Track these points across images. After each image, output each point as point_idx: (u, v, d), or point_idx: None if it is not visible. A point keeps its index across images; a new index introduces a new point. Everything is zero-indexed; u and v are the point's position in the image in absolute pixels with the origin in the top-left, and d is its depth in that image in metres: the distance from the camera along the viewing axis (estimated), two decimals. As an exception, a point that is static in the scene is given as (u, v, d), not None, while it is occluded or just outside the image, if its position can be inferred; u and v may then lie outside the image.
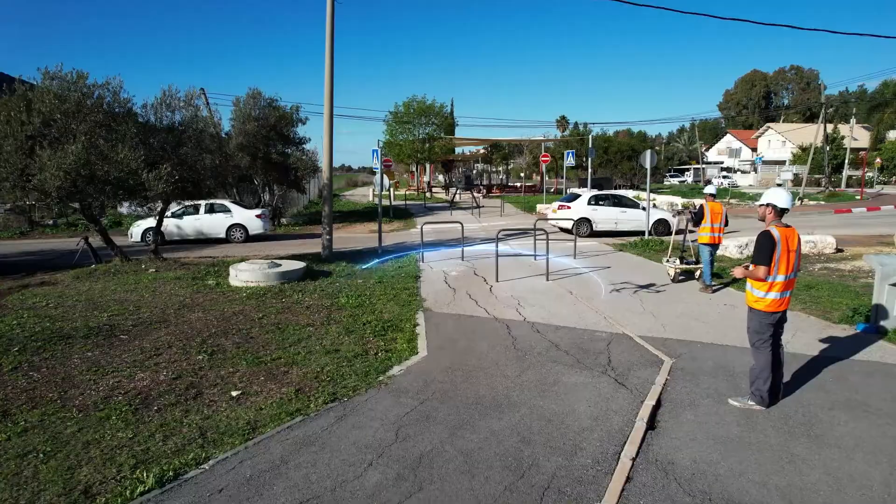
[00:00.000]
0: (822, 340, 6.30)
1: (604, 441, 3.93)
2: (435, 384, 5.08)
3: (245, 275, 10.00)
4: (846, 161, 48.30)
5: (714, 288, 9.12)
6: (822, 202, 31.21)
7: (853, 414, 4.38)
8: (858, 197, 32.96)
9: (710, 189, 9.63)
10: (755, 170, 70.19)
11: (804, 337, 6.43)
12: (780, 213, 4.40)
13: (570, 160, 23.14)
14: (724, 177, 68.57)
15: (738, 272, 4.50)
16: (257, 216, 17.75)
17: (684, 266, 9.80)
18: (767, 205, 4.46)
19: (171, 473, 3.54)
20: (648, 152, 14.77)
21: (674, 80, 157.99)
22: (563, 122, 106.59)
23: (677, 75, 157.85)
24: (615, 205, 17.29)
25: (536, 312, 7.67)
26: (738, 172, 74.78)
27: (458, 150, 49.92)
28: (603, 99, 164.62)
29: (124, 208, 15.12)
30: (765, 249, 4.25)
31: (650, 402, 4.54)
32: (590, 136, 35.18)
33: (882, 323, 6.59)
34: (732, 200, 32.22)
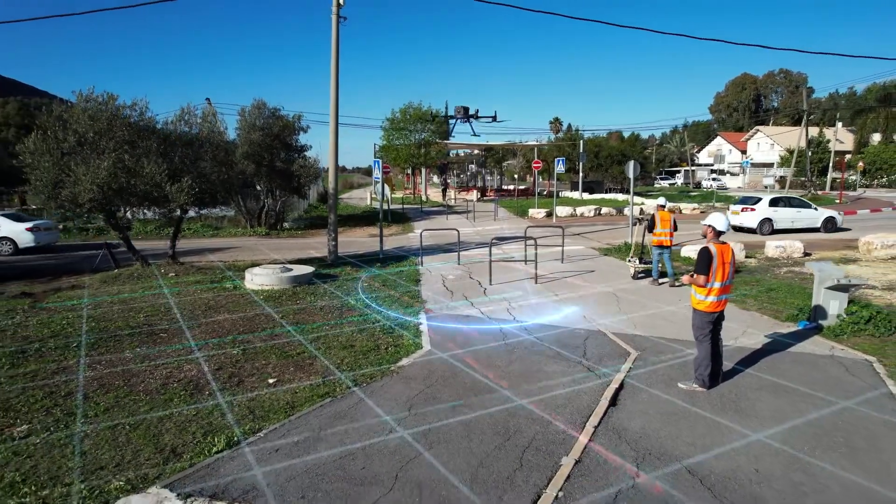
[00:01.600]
0: (768, 336, 7.37)
1: (574, 414, 4.97)
2: (438, 372, 6.11)
3: (260, 279, 10.96)
4: (831, 164, 49.71)
5: (666, 283, 10.81)
6: (803, 206, 32.42)
7: (775, 394, 5.44)
8: (838, 200, 34.25)
9: (660, 201, 11.32)
10: (744, 172, 71.86)
11: (754, 333, 7.50)
12: (718, 233, 5.46)
13: (560, 167, 24.24)
14: (714, 179, 70.19)
15: (685, 279, 5.55)
16: (28, 229, 16.85)
17: (643, 266, 11.26)
18: (709, 226, 5.53)
19: (235, 439, 4.55)
20: (632, 163, 15.82)
21: (667, 82, 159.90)
22: (556, 123, 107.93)
23: (671, 77, 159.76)
24: (790, 206, 20.04)
25: (525, 312, 8.70)
26: (728, 174, 76.40)
27: (452, 152, 50.99)
28: (596, 100, 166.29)
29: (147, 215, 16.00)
30: (704, 261, 5.30)
31: (614, 386, 5.58)
32: (581, 142, 36.32)
33: (820, 321, 7.67)
34: (717, 204, 33.39)
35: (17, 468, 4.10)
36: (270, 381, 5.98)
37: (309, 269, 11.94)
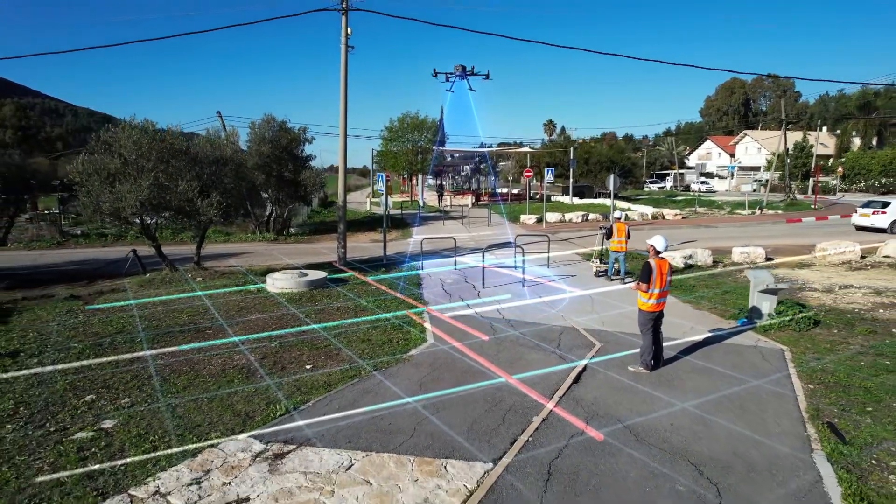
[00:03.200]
0: (711, 331, 8.96)
1: (545, 389, 6.53)
2: (441, 360, 7.66)
3: (280, 283, 12.46)
4: (812, 168, 51.67)
5: (627, 281, 12.77)
6: (781, 211, 34.22)
7: (701, 374, 7.03)
8: (813, 206, 36.08)
9: (617, 214, 13.52)
10: (732, 176, 74.04)
11: (700, 329, 9.09)
12: (658, 252, 7.05)
13: (549, 177, 25.88)
14: (703, 183, 72.32)
15: (633, 286, 7.13)
16: None
17: (603, 266, 13.63)
18: (651, 245, 7.11)
19: (291, 406, 6.07)
20: (612, 176, 17.48)
21: (662, 84, 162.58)
22: (550, 126, 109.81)
23: (665, 78, 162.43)
24: None
25: (512, 312, 10.27)
26: (717, 178, 78.51)
27: (448, 156, 52.58)
28: (591, 102, 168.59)
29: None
30: (646, 273, 6.89)
31: (578, 369, 7.15)
32: (571, 149, 38.01)
33: (755, 319, 9.28)
34: (700, 209, 35.14)
35: (136, 426, 5.61)
36: (307, 367, 7.51)
37: (322, 273, 13.43)
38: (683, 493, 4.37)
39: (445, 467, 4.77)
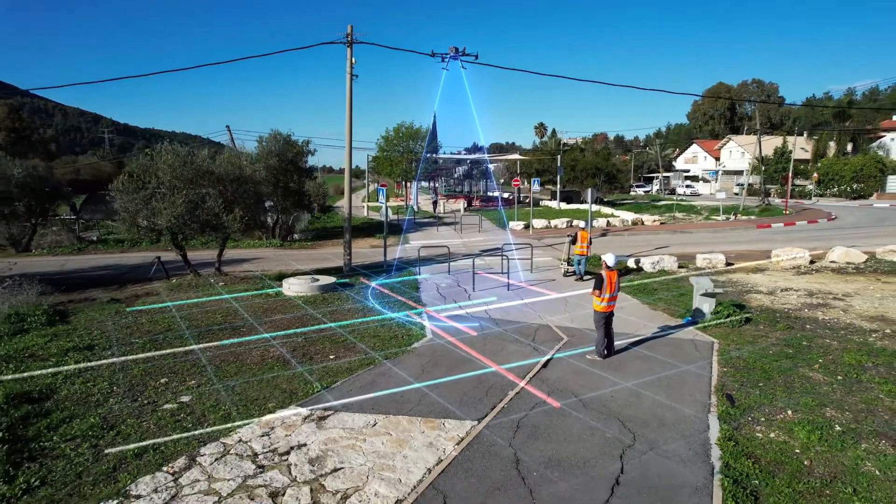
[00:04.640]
0: (660, 328, 10.85)
1: (520, 373, 8.38)
2: (438, 351, 9.49)
3: (295, 287, 14.24)
4: (790, 173, 53.99)
5: (585, 278, 15.22)
6: (754, 216, 36.34)
7: (642, 360, 8.91)
8: (785, 211, 38.26)
9: (581, 224, 15.89)
10: (716, 180, 76.59)
11: (650, 326, 10.99)
12: (608, 266, 8.92)
13: (536, 186, 27.82)
14: (688, 186, 74.91)
15: (591, 292, 9.01)
16: None
17: (571, 268, 16.03)
18: (604, 261, 8.99)
19: (324, 385, 7.88)
20: (590, 189, 19.45)
21: (654, 85, 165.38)
22: (541, 128, 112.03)
23: (657, 81, 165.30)
24: None
25: (498, 312, 12.12)
26: (702, 181, 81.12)
27: (441, 161, 54.49)
28: (583, 103, 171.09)
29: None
30: (598, 282, 8.77)
31: (547, 357, 9.01)
32: (559, 157, 40.00)
33: (698, 318, 11.19)
34: (679, 214, 37.21)
35: (208, 400, 7.40)
36: (331, 357, 9.31)
37: (331, 278, 15.23)
38: (610, 438, 6.24)
39: (444, 424, 6.61)
